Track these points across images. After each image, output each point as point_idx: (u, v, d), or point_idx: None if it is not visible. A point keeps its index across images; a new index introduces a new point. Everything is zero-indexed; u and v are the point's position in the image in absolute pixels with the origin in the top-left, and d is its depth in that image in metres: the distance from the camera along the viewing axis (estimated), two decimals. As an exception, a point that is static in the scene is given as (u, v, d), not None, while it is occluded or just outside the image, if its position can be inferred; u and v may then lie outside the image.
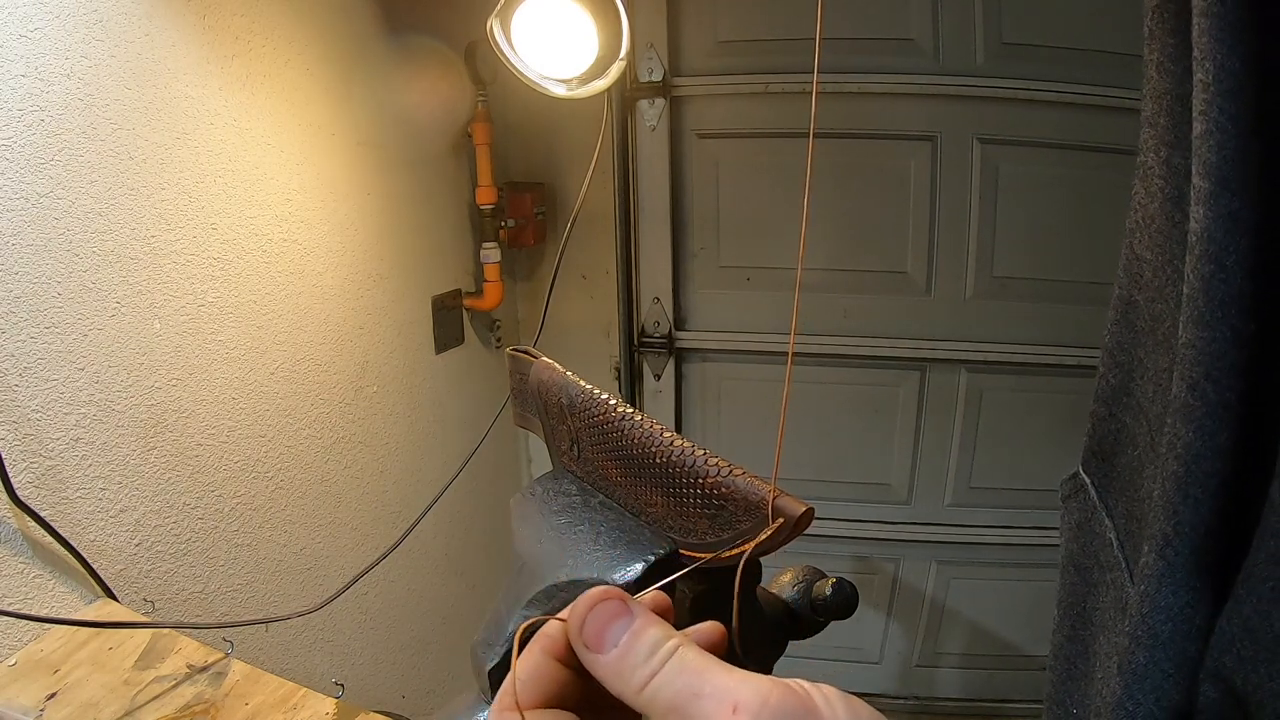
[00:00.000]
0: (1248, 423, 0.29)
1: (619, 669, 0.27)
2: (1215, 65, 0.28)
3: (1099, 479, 0.45)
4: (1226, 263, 0.29)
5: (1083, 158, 1.65)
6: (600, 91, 1.03)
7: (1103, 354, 0.43)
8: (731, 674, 0.26)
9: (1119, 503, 0.42)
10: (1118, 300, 0.41)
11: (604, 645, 0.28)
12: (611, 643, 0.28)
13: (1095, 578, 0.43)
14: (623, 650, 0.27)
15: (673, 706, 0.26)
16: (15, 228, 0.85)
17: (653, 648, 0.27)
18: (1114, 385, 0.42)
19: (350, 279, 1.39)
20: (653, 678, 0.27)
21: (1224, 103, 0.28)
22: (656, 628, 0.28)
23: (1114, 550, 0.41)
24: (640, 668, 0.27)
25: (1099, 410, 0.44)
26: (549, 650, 0.30)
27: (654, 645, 0.27)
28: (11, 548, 0.86)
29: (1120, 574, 0.40)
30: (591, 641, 0.28)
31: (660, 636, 0.27)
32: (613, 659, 0.27)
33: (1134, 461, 0.40)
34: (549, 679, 0.29)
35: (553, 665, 0.29)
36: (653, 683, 0.26)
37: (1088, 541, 0.45)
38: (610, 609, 0.28)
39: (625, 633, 0.28)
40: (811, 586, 0.51)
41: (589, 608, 0.28)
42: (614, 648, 0.28)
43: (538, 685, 0.29)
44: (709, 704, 0.25)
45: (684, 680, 0.26)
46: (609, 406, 0.48)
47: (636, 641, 0.27)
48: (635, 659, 0.27)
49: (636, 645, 0.27)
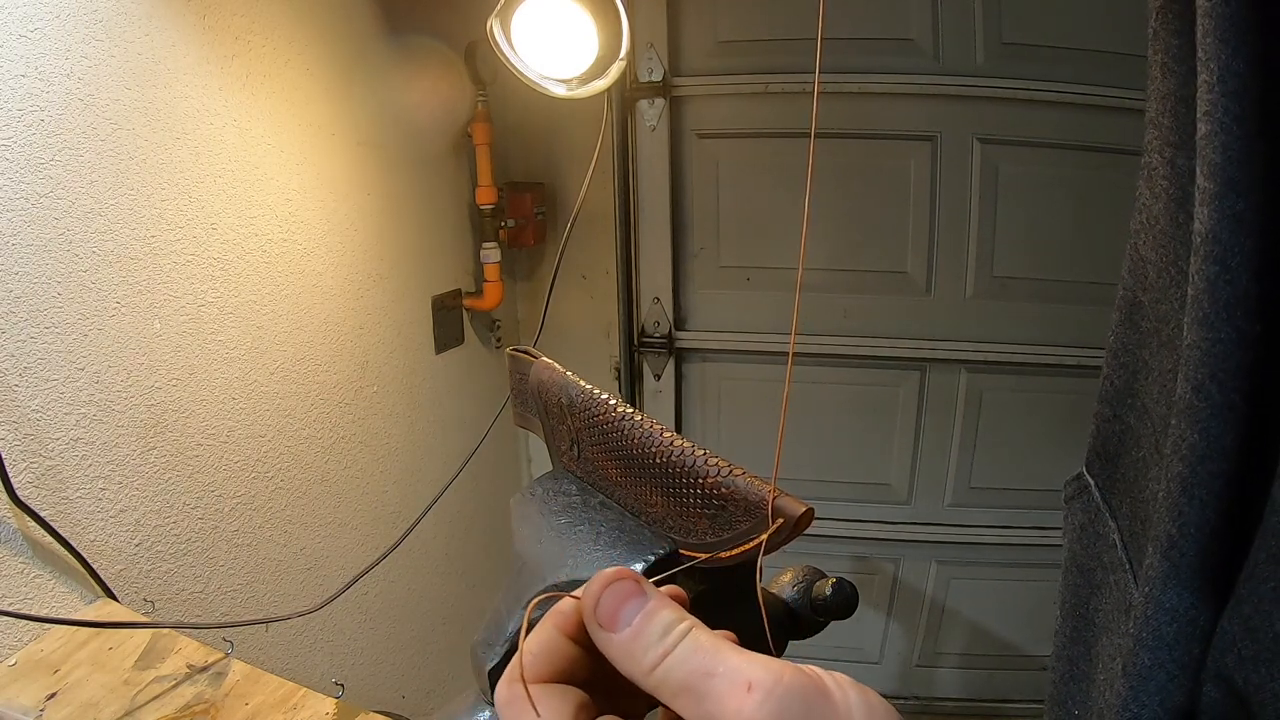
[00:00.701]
0: (1252, 424, 0.29)
1: (631, 649, 0.27)
2: (1220, 66, 0.28)
3: (1103, 480, 0.45)
4: (1231, 264, 0.29)
5: (1083, 158, 1.65)
6: (600, 91, 1.03)
7: (1107, 355, 0.43)
8: (744, 655, 0.26)
9: (1123, 504, 0.42)
10: (1122, 301, 0.41)
11: (617, 624, 0.28)
12: (625, 622, 0.27)
13: (1099, 579, 0.43)
14: (636, 630, 0.27)
15: (685, 686, 0.26)
16: (15, 228, 0.85)
17: (665, 628, 0.27)
18: (1118, 386, 0.42)
19: (350, 279, 1.39)
20: (665, 657, 0.26)
21: (1228, 103, 0.28)
22: (669, 610, 0.28)
23: (1118, 551, 0.41)
24: (653, 647, 0.27)
25: (1103, 411, 0.44)
26: (561, 627, 0.29)
27: (667, 626, 0.27)
28: (11, 548, 0.86)
29: (1124, 575, 0.40)
30: (605, 620, 0.28)
31: (673, 618, 0.27)
32: (625, 638, 0.27)
33: (1138, 463, 0.40)
34: (559, 655, 0.29)
35: (564, 642, 0.29)
36: (665, 663, 0.26)
37: (1091, 543, 0.45)
38: (624, 589, 0.28)
39: (638, 613, 0.28)
40: (811, 586, 0.51)
41: (603, 586, 0.28)
42: (627, 627, 0.27)
43: (548, 660, 0.29)
44: (722, 683, 0.25)
45: (697, 660, 0.26)
46: (609, 406, 0.48)
47: (649, 622, 0.27)
48: (648, 639, 0.27)
49: (649, 625, 0.27)
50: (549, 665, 0.29)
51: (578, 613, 0.29)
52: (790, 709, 0.24)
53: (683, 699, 0.26)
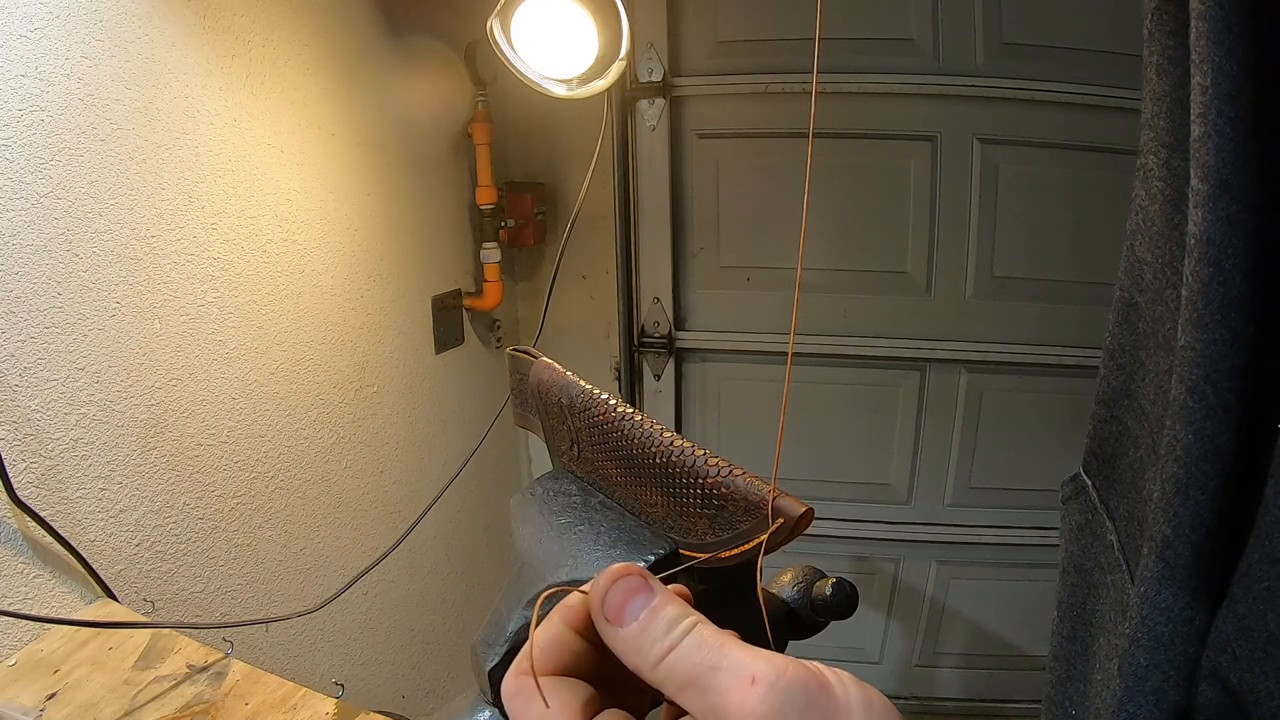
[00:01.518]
0: (1247, 425, 0.29)
1: (637, 643, 0.28)
2: (1213, 68, 0.28)
3: (1100, 481, 0.45)
4: (1225, 265, 0.29)
5: (1083, 158, 1.65)
6: (600, 91, 1.03)
7: (1104, 356, 0.43)
8: (748, 649, 0.26)
9: (1120, 504, 0.42)
10: (1119, 302, 0.41)
11: (624, 619, 0.28)
12: (631, 617, 0.28)
13: (1096, 579, 0.43)
14: (642, 624, 0.28)
15: (690, 679, 0.26)
16: (15, 228, 0.85)
17: (671, 623, 0.28)
18: (1115, 387, 0.42)
19: (350, 279, 1.39)
20: (670, 651, 0.27)
21: (1222, 105, 0.28)
22: (675, 605, 0.28)
23: (1115, 552, 0.41)
24: (659, 642, 0.27)
25: (1100, 412, 0.44)
26: (568, 621, 0.30)
27: (672, 621, 0.28)
28: (11, 548, 0.86)
29: (1121, 575, 0.40)
30: (612, 615, 0.28)
31: (679, 613, 0.28)
32: (632, 632, 0.28)
33: (1135, 463, 0.40)
34: (566, 649, 0.30)
35: (571, 636, 0.30)
36: (670, 656, 0.27)
37: (1089, 543, 0.45)
38: (631, 584, 0.29)
39: (645, 608, 0.28)
40: (811, 586, 0.51)
41: (611, 582, 0.29)
42: (634, 621, 0.28)
43: (555, 653, 0.29)
44: (726, 677, 0.25)
45: (702, 654, 0.26)
46: (609, 406, 0.48)
47: (655, 617, 0.28)
48: (654, 633, 0.27)
49: (655, 620, 0.28)
50: (556, 658, 0.29)
51: (585, 607, 0.30)
52: (792, 702, 0.24)
53: (688, 692, 0.26)
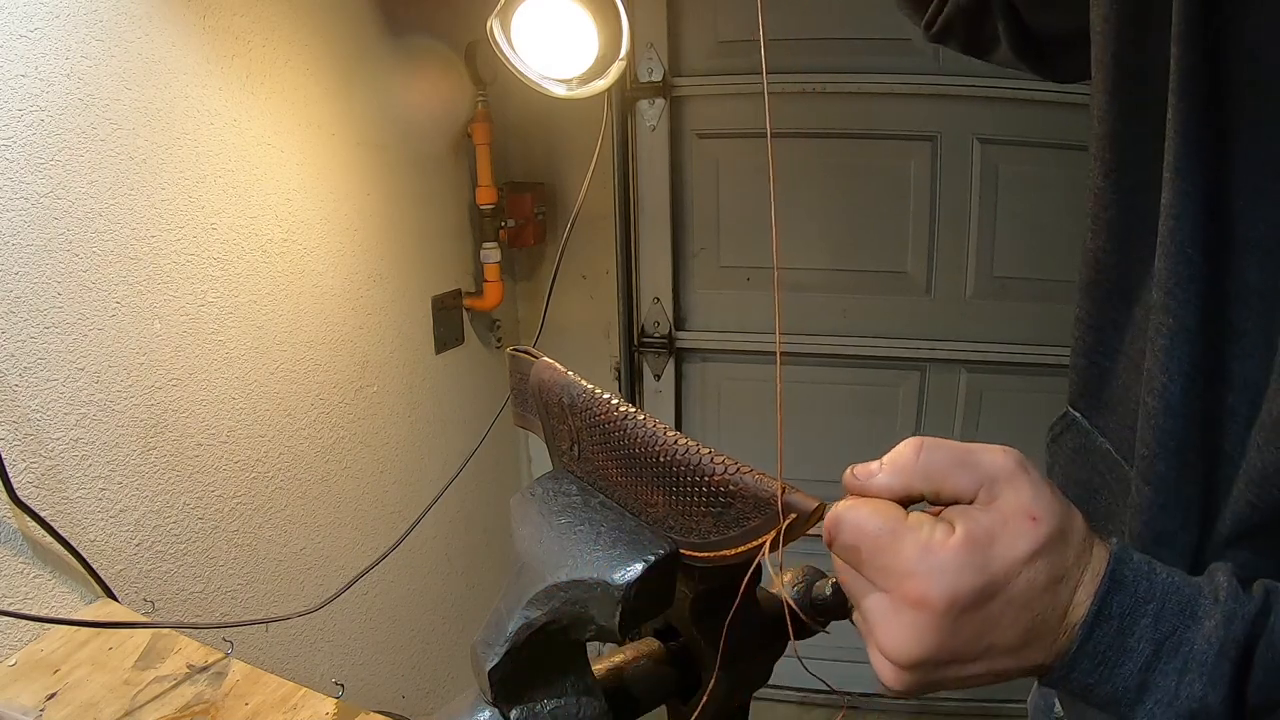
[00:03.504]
0: (1209, 312, 0.39)
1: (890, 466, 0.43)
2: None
3: (1088, 409, 0.54)
4: (1184, 213, 0.40)
5: (1083, 158, 1.62)
6: (600, 91, 1.03)
7: (1076, 326, 0.53)
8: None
9: (1110, 420, 0.51)
10: (1083, 283, 0.51)
11: (869, 472, 0.45)
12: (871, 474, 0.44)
13: (1096, 484, 0.51)
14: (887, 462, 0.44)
15: (953, 464, 0.40)
16: (15, 228, 0.85)
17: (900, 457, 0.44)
18: (1089, 343, 0.52)
19: (350, 279, 1.39)
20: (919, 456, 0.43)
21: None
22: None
23: (1112, 455, 0.50)
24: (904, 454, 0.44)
25: (1078, 363, 0.54)
26: None
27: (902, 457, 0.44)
28: (11, 548, 0.86)
29: (1120, 469, 0.48)
30: (856, 482, 0.46)
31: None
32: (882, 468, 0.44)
33: (1120, 389, 0.49)
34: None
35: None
36: (923, 457, 0.42)
37: (1086, 458, 0.53)
38: (854, 487, 0.45)
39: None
40: (811, 586, 0.51)
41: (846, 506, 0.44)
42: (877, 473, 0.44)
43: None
44: (982, 453, 0.39)
45: (948, 449, 0.41)
46: (610, 406, 0.48)
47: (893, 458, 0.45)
48: (903, 460, 0.44)
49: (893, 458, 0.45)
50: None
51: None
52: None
53: (954, 473, 0.39)
